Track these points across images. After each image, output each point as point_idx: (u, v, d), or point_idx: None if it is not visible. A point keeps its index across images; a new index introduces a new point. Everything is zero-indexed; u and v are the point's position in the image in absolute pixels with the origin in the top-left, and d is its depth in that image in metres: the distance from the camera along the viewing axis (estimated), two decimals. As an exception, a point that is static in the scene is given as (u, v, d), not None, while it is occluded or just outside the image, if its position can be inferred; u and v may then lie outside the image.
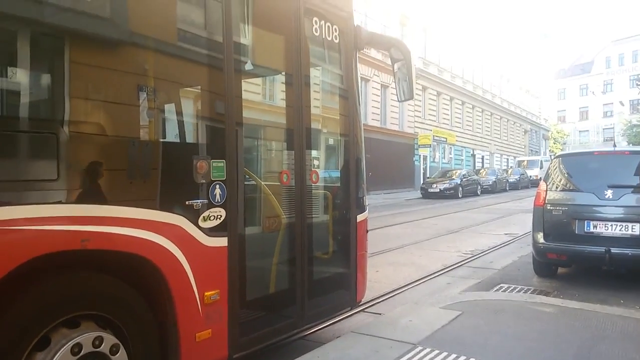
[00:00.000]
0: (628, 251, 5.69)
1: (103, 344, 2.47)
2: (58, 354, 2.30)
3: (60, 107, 2.46)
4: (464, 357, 3.49)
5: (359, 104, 4.56)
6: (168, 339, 2.83)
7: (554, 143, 65.22)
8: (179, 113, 3.34)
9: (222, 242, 3.06)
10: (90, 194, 2.45)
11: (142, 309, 2.71)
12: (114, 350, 2.52)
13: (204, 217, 2.94)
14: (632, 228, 5.76)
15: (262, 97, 5.25)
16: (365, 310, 5.33)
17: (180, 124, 3.37)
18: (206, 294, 2.94)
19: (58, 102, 2.48)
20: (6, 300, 2.19)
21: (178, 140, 3.30)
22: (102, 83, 2.62)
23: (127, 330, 2.62)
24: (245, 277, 3.32)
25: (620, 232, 5.82)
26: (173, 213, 2.78)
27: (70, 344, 2.34)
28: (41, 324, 2.29)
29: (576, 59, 77.04)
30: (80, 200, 2.41)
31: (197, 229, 2.90)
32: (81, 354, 2.38)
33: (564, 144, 65.76)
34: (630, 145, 41.45)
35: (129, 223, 2.55)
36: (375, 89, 29.61)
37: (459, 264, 7.98)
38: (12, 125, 2.34)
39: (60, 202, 2.35)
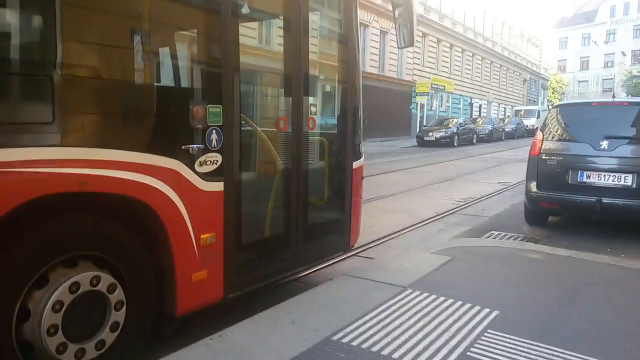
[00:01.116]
0: (619, 201, 5.77)
1: (100, 283, 2.54)
2: (57, 291, 2.37)
3: (54, 50, 2.41)
4: (452, 300, 3.61)
5: (358, 50, 4.49)
6: (164, 279, 2.91)
7: (553, 93, 64.67)
8: (175, 57, 3.29)
9: (218, 186, 3.09)
10: (87, 137, 2.45)
11: (138, 250, 2.77)
12: (111, 289, 2.59)
13: (200, 161, 2.95)
14: (624, 179, 5.82)
15: (259, 42, 5.15)
16: (358, 254, 5.45)
17: (176, 69, 3.32)
18: (202, 236, 3.00)
19: (52, 44, 2.43)
20: (5, 240, 2.23)
21: (174, 85, 3.27)
22: (96, 26, 2.57)
23: (124, 270, 2.69)
24: (240, 221, 3.37)
25: (613, 182, 5.88)
26: (169, 157, 2.78)
27: (68, 282, 2.41)
28: (39, 263, 2.35)
29: (579, 7, 75.17)
30: (77, 143, 2.41)
31: (193, 173, 2.92)
32: (79, 292, 2.45)
33: (563, 94, 65.19)
34: (629, 96, 41.18)
35: (126, 166, 2.57)
36: (375, 35, 29.00)
37: (452, 211, 8.10)
38: (7, 68, 2.30)
39: (56, 145, 2.35)
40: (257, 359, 2.70)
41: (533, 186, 6.42)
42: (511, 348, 2.91)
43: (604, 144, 5.96)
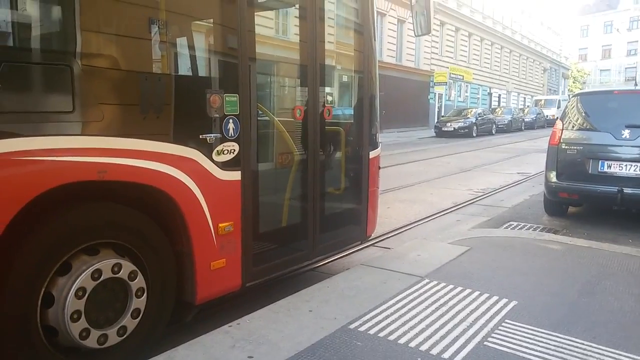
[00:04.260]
0: (640, 191, 5.68)
1: (122, 271, 2.58)
2: (79, 278, 2.42)
3: (73, 40, 2.45)
4: (470, 290, 3.59)
5: (375, 40, 4.46)
6: (184, 267, 2.95)
7: (574, 82, 63.56)
8: (192, 47, 3.31)
9: (235, 175, 3.11)
10: (106, 127, 2.48)
11: (158, 239, 2.81)
12: (132, 276, 2.64)
13: (217, 151, 2.97)
14: (646, 168, 5.72)
15: (275, 32, 5.15)
16: (375, 244, 5.45)
17: (193, 58, 3.34)
18: (220, 225, 3.03)
19: (71, 34, 2.47)
20: (28, 228, 2.28)
21: (191, 74, 3.29)
22: (114, 16, 2.59)
23: (145, 258, 2.74)
24: (258, 210, 3.40)
25: (635, 172, 5.78)
26: (187, 146, 2.81)
27: (91, 269, 2.45)
28: (62, 251, 2.40)
29: (602, -6, 73.59)
30: (96, 132, 2.45)
31: (211, 162, 2.95)
32: (101, 279, 2.50)
33: (584, 83, 64.05)
34: (653, 85, 40.28)
35: (144, 155, 2.60)
36: (392, 24, 28.75)
37: (470, 202, 8.04)
38: (28, 57, 2.35)
39: (76, 134, 2.39)
40: (275, 346, 2.73)
41: (553, 176, 6.35)
42: (530, 338, 2.89)
43: (626, 133, 5.86)
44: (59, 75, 2.35)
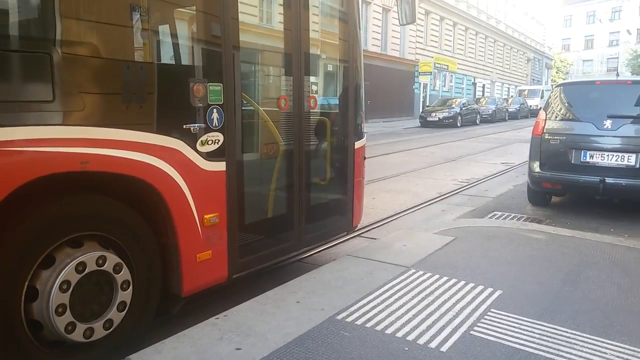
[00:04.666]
0: (622, 181, 5.75)
1: (106, 263, 2.55)
2: (63, 271, 2.37)
3: (52, 27, 2.38)
4: (455, 280, 3.62)
5: (359, 28, 4.43)
6: (170, 259, 2.92)
7: (557, 72, 64.14)
8: (175, 35, 3.25)
9: (220, 166, 3.08)
10: (87, 117, 2.43)
11: (143, 231, 2.77)
12: (117, 269, 2.60)
13: (201, 141, 2.94)
14: (628, 158, 5.79)
15: (259, 20, 5.08)
16: (361, 235, 5.46)
17: (176, 46, 3.29)
18: (205, 216, 3.00)
19: (50, 21, 2.40)
20: (10, 221, 2.23)
21: (174, 63, 3.24)
22: (95, 2, 2.53)
23: (129, 250, 2.70)
24: (243, 202, 3.38)
25: (616, 162, 5.86)
26: (171, 137, 2.77)
27: (75, 262, 2.41)
28: (45, 243, 2.35)
29: (585, -16, 74.10)
30: (77, 122, 2.40)
31: (195, 153, 2.91)
32: (85, 272, 2.46)
33: (567, 73, 64.65)
34: (634, 75, 40.80)
35: (127, 146, 2.55)
36: (377, 13, 28.68)
37: (455, 192, 8.09)
38: (5, 45, 2.27)
39: (57, 124, 2.33)
40: (263, 337, 2.72)
41: (536, 166, 6.40)
42: (514, 327, 2.92)
43: (608, 123, 5.92)
44: (38, 63, 2.29)
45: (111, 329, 2.61)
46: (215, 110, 3.00)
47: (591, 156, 6.01)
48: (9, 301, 2.25)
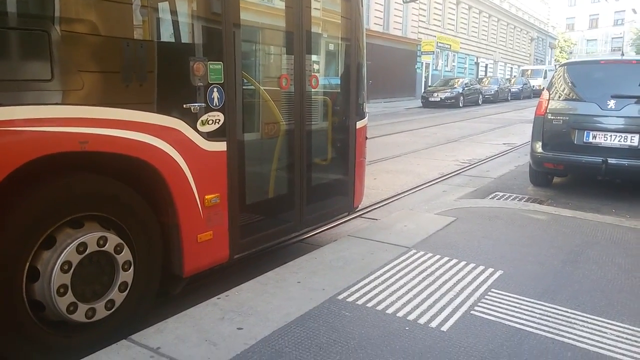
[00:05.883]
0: (625, 161, 5.72)
1: (107, 244, 2.54)
2: (64, 252, 2.37)
3: (51, 4, 2.34)
4: (456, 260, 3.62)
5: (362, 6, 4.37)
6: (171, 240, 2.92)
7: (560, 52, 63.53)
8: (174, 12, 3.19)
9: (221, 146, 3.06)
10: (87, 96, 2.40)
11: (144, 211, 2.76)
12: (118, 249, 2.60)
13: (202, 120, 2.91)
14: (631, 139, 5.75)
15: (260, -2, 5.00)
16: (362, 215, 5.46)
17: (176, 24, 3.23)
18: (206, 197, 2.99)
19: None
20: (10, 201, 2.22)
21: (174, 41, 3.19)
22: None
23: (130, 231, 2.69)
24: (244, 182, 3.36)
25: (619, 142, 5.82)
26: (171, 116, 2.74)
27: (76, 243, 2.41)
28: (45, 224, 2.35)
29: (591, -39, 72.97)
30: (76, 101, 2.37)
31: (195, 132, 2.88)
32: (86, 252, 2.46)
33: (570, 53, 64.00)
34: (639, 55, 40.42)
35: (127, 125, 2.53)
36: (379, -8, 28.33)
37: (456, 173, 8.07)
38: (2, 22, 2.23)
39: (56, 104, 2.30)
40: (264, 317, 2.73)
41: (538, 147, 6.37)
42: (515, 306, 2.93)
43: (611, 103, 5.87)
44: (35, 41, 2.26)
45: (113, 309, 2.62)
46: (215, 89, 2.97)
47: (594, 136, 5.98)
48: (11, 281, 2.25)
